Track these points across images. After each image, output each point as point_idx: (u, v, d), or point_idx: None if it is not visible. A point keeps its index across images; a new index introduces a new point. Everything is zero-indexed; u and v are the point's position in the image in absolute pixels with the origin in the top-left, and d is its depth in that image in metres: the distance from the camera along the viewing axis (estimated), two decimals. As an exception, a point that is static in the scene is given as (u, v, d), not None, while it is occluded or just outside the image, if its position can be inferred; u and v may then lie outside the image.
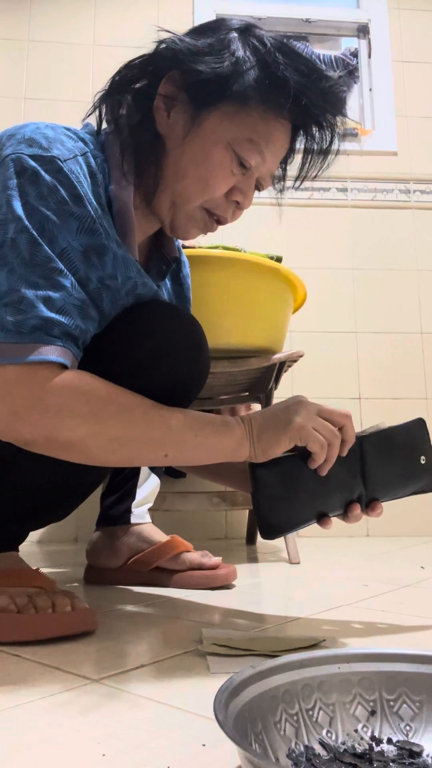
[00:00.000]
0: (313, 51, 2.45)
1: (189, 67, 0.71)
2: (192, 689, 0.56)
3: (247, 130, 0.74)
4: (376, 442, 0.81)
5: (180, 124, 0.75)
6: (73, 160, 0.69)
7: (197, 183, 0.75)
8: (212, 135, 0.74)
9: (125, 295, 0.76)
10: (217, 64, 0.71)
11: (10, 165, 0.67)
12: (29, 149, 0.68)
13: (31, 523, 0.87)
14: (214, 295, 1.27)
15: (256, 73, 0.71)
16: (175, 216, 0.79)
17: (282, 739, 0.41)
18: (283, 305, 1.40)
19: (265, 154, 0.76)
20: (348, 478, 0.79)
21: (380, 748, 0.42)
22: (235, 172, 0.76)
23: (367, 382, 2.16)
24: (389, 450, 0.82)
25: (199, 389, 0.86)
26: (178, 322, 0.81)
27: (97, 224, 0.70)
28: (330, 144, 0.80)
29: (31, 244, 0.66)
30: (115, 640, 0.73)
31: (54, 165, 0.68)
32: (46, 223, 0.66)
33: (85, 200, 0.69)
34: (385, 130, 2.33)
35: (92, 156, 0.73)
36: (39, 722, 0.49)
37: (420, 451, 0.83)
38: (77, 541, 1.92)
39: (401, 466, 0.83)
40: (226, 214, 0.80)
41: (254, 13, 2.38)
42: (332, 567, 1.34)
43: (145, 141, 0.76)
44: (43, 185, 0.67)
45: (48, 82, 2.27)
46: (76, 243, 0.68)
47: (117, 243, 0.73)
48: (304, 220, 2.22)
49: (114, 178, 0.75)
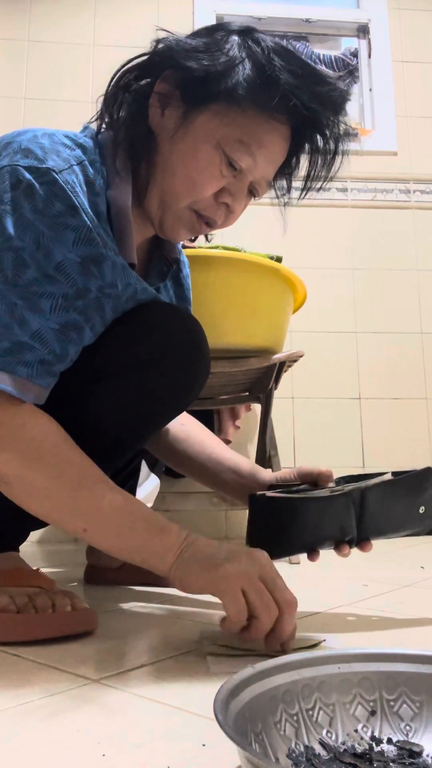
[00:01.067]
0: (313, 51, 2.45)
1: (181, 64, 0.71)
2: (192, 689, 0.56)
3: (237, 130, 0.72)
4: (379, 493, 0.81)
5: (172, 121, 0.75)
6: (68, 171, 0.69)
7: (185, 181, 0.74)
8: (202, 133, 0.73)
9: (125, 302, 0.76)
10: (210, 62, 0.70)
11: (6, 177, 0.67)
12: (25, 160, 0.68)
13: (31, 523, 0.87)
14: (214, 295, 1.27)
15: (247, 72, 0.70)
16: (163, 215, 0.78)
17: (282, 739, 0.41)
18: (283, 305, 1.40)
19: (257, 156, 0.74)
20: (345, 525, 0.81)
21: (380, 748, 0.42)
22: (224, 173, 0.74)
23: (367, 382, 2.16)
24: (390, 499, 0.82)
25: (199, 389, 0.86)
26: (179, 322, 0.81)
27: (94, 234, 0.69)
28: (334, 153, 0.77)
29: (15, 264, 0.66)
30: (115, 640, 0.73)
31: (49, 177, 0.67)
32: (41, 237, 0.66)
33: (80, 210, 0.68)
34: (385, 130, 2.33)
35: (89, 163, 0.72)
36: (39, 722, 0.49)
37: (421, 501, 0.83)
38: (77, 541, 1.92)
39: (399, 515, 0.83)
40: (215, 216, 0.78)
41: (254, 13, 2.38)
42: (332, 567, 1.33)
43: (138, 137, 0.75)
44: (38, 198, 0.67)
45: (48, 82, 2.27)
46: (73, 255, 0.68)
47: (115, 251, 0.73)
48: (304, 220, 2.21)
49: (113, 182, 0.75)
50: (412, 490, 0.83)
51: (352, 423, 2.13)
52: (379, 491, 0.81)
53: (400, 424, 2.14)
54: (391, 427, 2.13)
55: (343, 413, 2.13)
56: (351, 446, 2.12)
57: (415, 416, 2.16)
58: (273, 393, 1.49)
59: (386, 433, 2.13)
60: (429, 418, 2.16)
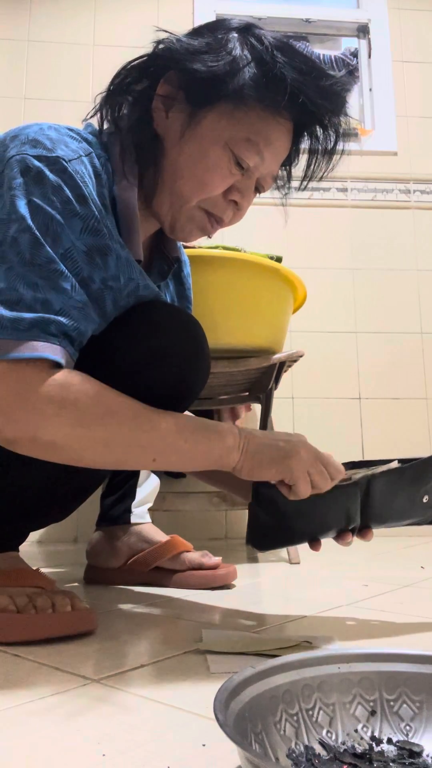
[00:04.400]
0: (313, 51, 2.45)
1: (186, 66, 0.71)
2: (192, 689, 0.56)
3: (244, 129, 0.73)
4: (385, 481, 0.81)
5: (178, 124, 0.75)
6: (77, 161, 0.69)
7: (194, 182, 0.75)
8: (209, 134, 0.74)
9: (126, 297, 0.76)
10: (214, 62, 0.70)
11: (15, 165, 0.67)
12: (33, 150, 0.68)
13: (30, 523, 0.87)
14: (215, 295, 1.27)
15: (252, 71, 0.70)
16: (174, 217, 0.79)
17: (282, 739, 0.41)
18: (283, 305, 1.40)
19: (264, 154, 0.75)
20: (350, 512, 0.80)
21: (380, 748, 0.42)
22: (233, 171, 0.75)
23: (367, 382, 2.16)
24: (395, 487, 0.82)
25: (200, 389, 0.86)
26: (179, 322, 0.81)
27: (101, 224, 0.70)
28: (335, 144, 0.79)
29: (32, 245, 0.65)
30: (115, 640, 0.73)
31: (58, 165, 0.67)
32: (50, 222, 0.66)
33: (89, 200, 0.69)
34: (385, 130, 2.33)
35: (96, 156, 0.73)
36: (39, 722, 0.49)
37: (425, 490, 0.83)
38: (77, 541, 1.92)
39: (402, 503, 0.83)
40: (224, 215, 0.79)
41: (254, 13, 2.38)
42: (332, 567, 1.33)
43: (144, 141, 0.75)
44: (47, 185, 0.67)
45: (48, 82, 2.27)
46: (80, 243, 0.68)
47: (120, 244, 0.73)
48: (304, 220, 2.21)
49: (117, 178, 0.75)
50: (417, 478, 0.83)
51: (352, 423, 2.13)
52: (385, 479, 0.81)
53: (400, 424, 2.14)
54: (391, 427, 2.13)
55: (343, 413, 2.13)
56: (351, 446, 2.11)
57: (415, 416, 2.16)
58: (273, 393, 1.49)
59: (386, 433, 2.13)
60: (429, 418, 2.16)
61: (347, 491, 0.80)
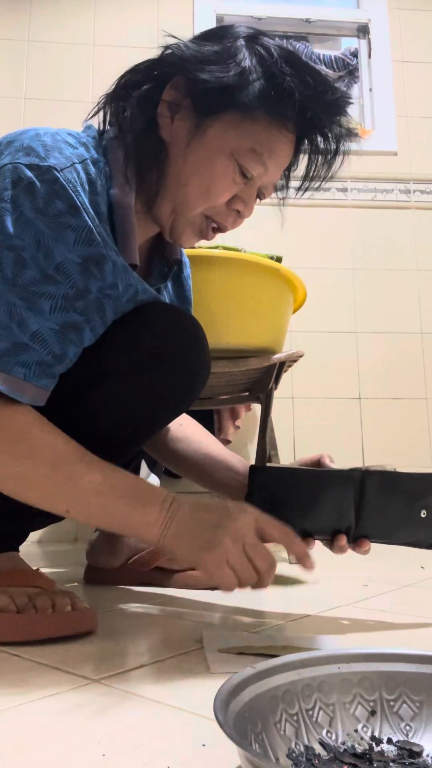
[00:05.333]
0: (313, 51, 2.45)
1: (194, 75, 0.71)
2: (192, 689, 0.56)
3: (250, 140, 0.73)
4: (378, 481, 0.81)
5: (183, 131, 0.75)
6: (70, 169, 0.69)
7: (199, 191, 0.75)
8: (215, 144, 0.74)
9: (126, 303, 0.76)
10: (223, 73, 0.70)
11: (7, 175, 0.67)
12: (26, 158, 0.67)
13: (30, 523, 0.87)
14: (215, 295, 1.27)
15: (261, 83, 0.70)
16: (175, 222, 0.78)
17: (282, 739, 0.41)
18: (283, 305, 1.40)
19: (267, 164, 0.75)
20: (342, 506, 0.80)
21: (380, 748, 0.42)
22: (237, 181, 0.75)
23: (367, 382, 2.16)
24: (390, 492, 0.81)
25: (200, 389, 0.86)
26: (179, 322, 0.81)
27: (95, 234, 0.69)
28: (335, 154, 0.79)
29: (15, 264, 0.65)
30: (115, 640, 0.73)
31: (50, 175, 0.67)
32: (41, 237, 0.66)
33: (81, 210, 0.68)
34: (385, 130, 2.33)
35: (92, 162, 0.72)
36: (39, 722, 0.49)
37: (422, 504, 0.83)
38: (77, 541, 1.92)
39: (398, 512, 0.82)
40: (226, 222, 0.79)
41: (254, 13, 2.38)
42: (332, 567, 1.33)
43: (149, 147, 0.75)
44: (39, 197, 0.66)
45: (48, 82, 2.27)
46: (74, 255, 0.68)
47: (116, 252, 0.72)
48: (304, 220, 2.22)
49: (116, 182, 0.74)
50: (415, 490, 0.82)
51: (352, 423, 2.14)
52: (379, 479, 0.81)
53: (400, 424, 2.14)
54: (391, 427, 2.14)
55: (343, 413, 2.14)
56: (351, 446, 2.12)
57: (415, 416, 2.16)
58: (273, 393, 1.49)
59: (386, 433, 2.13)
60: (429, 418, 2.16)
61: (339, 476, 0.80)
